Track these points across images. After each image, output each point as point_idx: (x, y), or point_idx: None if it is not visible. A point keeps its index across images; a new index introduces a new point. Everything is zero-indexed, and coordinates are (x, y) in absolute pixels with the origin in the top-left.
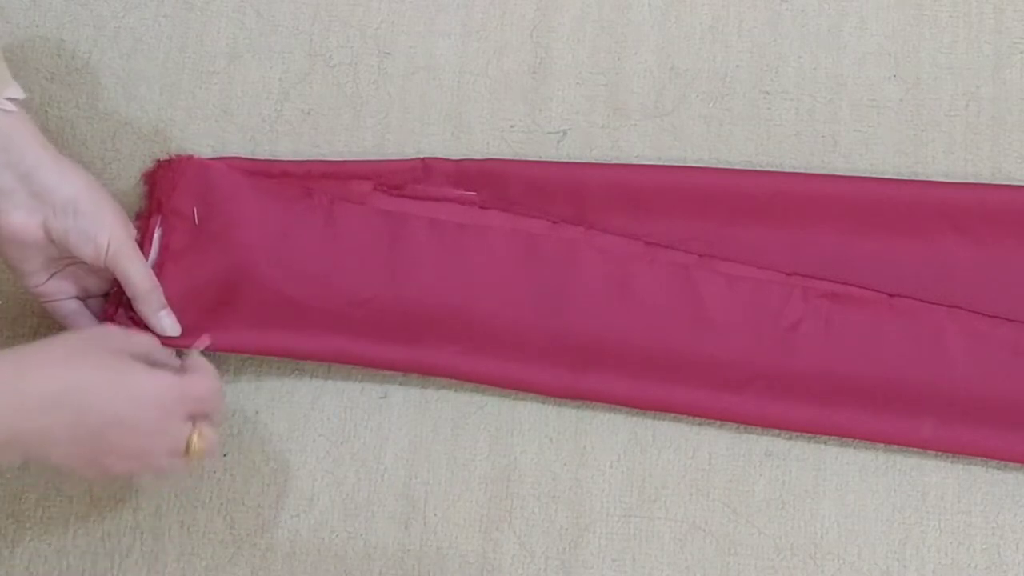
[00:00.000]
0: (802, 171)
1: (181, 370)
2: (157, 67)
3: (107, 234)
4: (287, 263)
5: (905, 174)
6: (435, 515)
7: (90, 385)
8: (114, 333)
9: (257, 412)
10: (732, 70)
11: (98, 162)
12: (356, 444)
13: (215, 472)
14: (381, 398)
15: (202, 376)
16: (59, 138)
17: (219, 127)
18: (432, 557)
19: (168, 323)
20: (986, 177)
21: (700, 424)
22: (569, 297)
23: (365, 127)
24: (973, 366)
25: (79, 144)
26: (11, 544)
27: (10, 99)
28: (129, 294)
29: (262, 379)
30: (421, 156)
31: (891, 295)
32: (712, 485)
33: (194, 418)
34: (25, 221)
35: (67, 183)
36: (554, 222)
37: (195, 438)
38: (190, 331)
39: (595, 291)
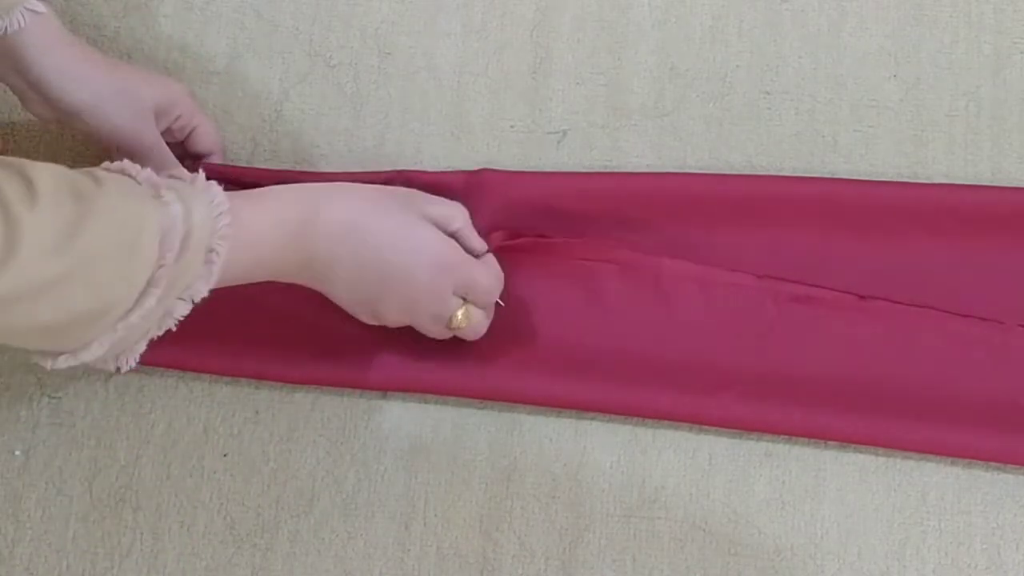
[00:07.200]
0: (802, 171)
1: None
2: (157, 67)
3: (115, 142)
4: None
5: (905, 174)
6: (435, 515)
7: (376, 228)
8: (418, 194)
9: (257, 412)
10: (732, 70)
11: (98, 162)
12: (356, 444)
13: (215, 472)
14: (381, 398)
15: (487, 267)
16: (59, 137)
17: (219, 127)
18: (432, 557)
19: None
20: (986, 177)
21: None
22: (540, 305)
23: (365, 127)
24: (948, 366)
25: (79, 144)
26: (11, 544)
27: (28, 9)
28: None
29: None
30: (420, 157)
31: (863, 297)
32: (712, 485)
33: (465, 298)
34: (41, 111)
35: (72, 94)
36: (525, 230)
37: (460, 313)
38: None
39: (566, 298)
